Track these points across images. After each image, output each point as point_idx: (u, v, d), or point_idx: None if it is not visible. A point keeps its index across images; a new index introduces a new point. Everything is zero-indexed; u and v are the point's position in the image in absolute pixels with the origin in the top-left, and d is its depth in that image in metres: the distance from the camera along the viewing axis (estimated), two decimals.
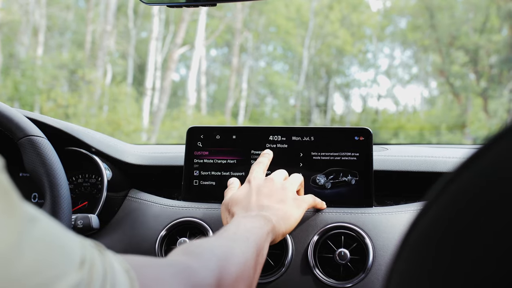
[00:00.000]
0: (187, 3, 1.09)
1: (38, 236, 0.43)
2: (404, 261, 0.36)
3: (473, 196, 0.31)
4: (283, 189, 1.05)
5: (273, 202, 1.00)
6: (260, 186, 1.04)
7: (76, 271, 0.45)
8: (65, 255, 0.46)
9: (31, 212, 0.44)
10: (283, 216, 0.98)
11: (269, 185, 1.04)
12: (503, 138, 0.31)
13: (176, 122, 14.47)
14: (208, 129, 1.30)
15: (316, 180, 1.22)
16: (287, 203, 1.02)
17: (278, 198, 1.01)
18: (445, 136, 14.52)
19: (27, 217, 0.43)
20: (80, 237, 0.51)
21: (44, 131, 1.13)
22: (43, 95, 13.49)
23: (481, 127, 14.03)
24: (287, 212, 1.00)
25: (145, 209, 1.29)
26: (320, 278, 1.07)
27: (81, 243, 0.50)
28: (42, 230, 0.44)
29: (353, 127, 1.24)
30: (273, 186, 1.04)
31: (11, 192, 0.43)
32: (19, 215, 0.42)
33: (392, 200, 1.28)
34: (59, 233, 0.47)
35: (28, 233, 0.42)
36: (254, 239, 0.84)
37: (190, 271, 0.65)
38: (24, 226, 0.42)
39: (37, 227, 0.44)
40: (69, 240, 0.48)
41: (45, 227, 0.45)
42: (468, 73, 16.46)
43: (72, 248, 0.47)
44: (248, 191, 1.03)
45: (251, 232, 0.86)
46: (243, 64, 18.19)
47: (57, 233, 0.46)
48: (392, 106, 19.59)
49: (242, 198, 1.02)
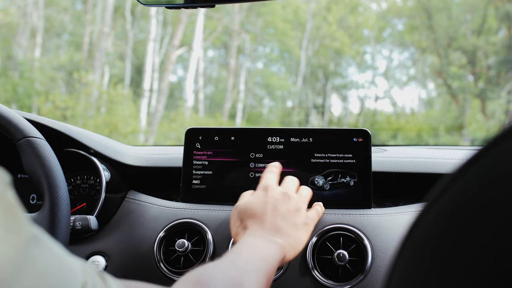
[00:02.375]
0: (185, 4, 1.09)
1: (40, 256, 0.43)
2: (404, 261, 0.36)
3: (473, 196, 0.31)
4: (297, 210, 1.03)
5: (287, 226, 0.99)
6: (277, 201, 1.02)
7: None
8: (67, 277, 0.46)
9: (35, 232, 0.44)
10: (294, 244, 0.98)
11: (286, 203, 1.03)
12: (502, 140, 0.31)
13: (173, 123, 14.47)
14: (206, 130, 1.30)
15: (314, 182, 1.22)
16: (299, 229, 1.01)
17: (292, 222, 1.00)
18: (443, 138, 14.54)
19: (30, 236, 0.43)
20: (83, 261, 0.51)
21: (43, 133, 1.13)
22: (41, 96, 13.47)
23: (479, 129, 14.05)
24: (297, 238, 0.99)
25: (143, 211, 1.29)
26: (318, 279, 1.07)
27: (83, 268, 0.49)
28: (45, 250, 0.44)
29: (352, 128, 1.24)
30: (289, 205, 1.03)
31: (17, 210, 0.43)
32: (23, 233, 0.42)
33: (391, 202, 1.28)
34: (61, 255, 0.47)
35: (30, 251, 0.42)
36: (266, 270, 0.83)
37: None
38: (27, 244, 0.42)
39: (39, 247, 0.44)
40: (71, 263, 0.48)
41: (48, 248, 0.45)
42: (466, 75, 16.48)
43: (74, 271, 0.47)
44: (264, 202, 1.02)
45: (264, 260, 0.85)
46: (240, 66, 18.21)
47: (59, 255, 0.46)
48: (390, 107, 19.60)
49: (256, 211, 1.00)
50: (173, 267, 1.17)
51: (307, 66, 18.38)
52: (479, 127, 14.17)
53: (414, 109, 18.64)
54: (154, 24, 15.53)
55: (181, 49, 16.31)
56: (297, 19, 18.69)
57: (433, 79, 17.98)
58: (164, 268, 1.16)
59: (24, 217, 0.43)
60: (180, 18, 15.19)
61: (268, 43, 19.59)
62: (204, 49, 17.83)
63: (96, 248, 1.26)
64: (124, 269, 1.21)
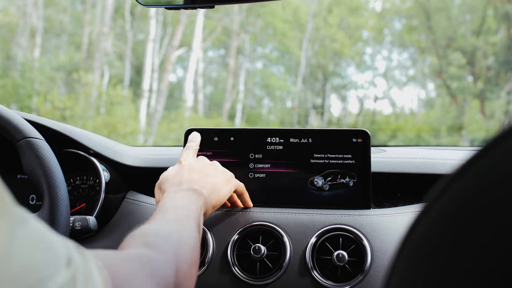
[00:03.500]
0: (184, 5, 1.09)
1: (28, 236, 0.44)
2: (404, 261, 0.36)
3: (473, 197, 0.31)
4: (213, 164, 1.10)
5: (203, 177, 1.03)
6: (192, 163, 1.07)
7: (64, 270, 0.46)
8: (54, 254, 0.46)
9: (21, 213, 0.45)
10: (213, 189, 1.02)
11: (200, 162, 1.09)
12: (502, 140, 0.31)
13: (173, 124, 14.45)
14: (206, 131, 1.30)
15: (314, 182, 1.22)
16: (217, 177, 1.06)
17: (208, 173, 1.05)
18: (442, 138, 14.53)
19: (18, 217, 0.43)
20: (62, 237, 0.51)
21: (42, 133, 1.13)
22: (40, 97, 13.47)
23: (478, 129, 14.04)
24: (217, 184, 1.04)
25: (143, 211, 1.29)
26: (318, 280, 1.07)
27: (65, 243, 0.50)
28: (32, 230, 0.45)
29: (351, 129, 1.24)
30: (204, 162, 1.09)
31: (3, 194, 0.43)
32: (11, 215, 0.42)
33: (390, 202, 1.28)
34: (46, 233, 0.47)
35: (20, 233, 0.42)
36: (194, 217, 0.88)
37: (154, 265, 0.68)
38: (16, 226, 0.42)
39: (27, 227, 0.44)
40: (55, 240, 0.48)
41: (34, 228, 0.46)
42: (465, 75, 16.47)
43: (59, 248, 0.47)
44: (179, 169, 1.05)
45: (189, 209, 0.90)
46: (240, 66, 18.19)
47: (45, 234, 0.47)
48: (389, 108, 19.59)
49: (173, 175, 1.04)
50: None
51: (306, 67, 18.36)
52: (479, 127, 14.17)
53: (413, 110, 18.63)
54: (154, 25, 15.52)
55: (180, 49, 16.30)
56: (297, 20, 18.68)
57: (433, 79, 17.97)
58: None
59: (10, 199, 0.43)
60: (179, 19, 15.18)
61: (267, 44, 19.58)
62: (203, 49, 17.82)
63: (96, 248, 1.26)
64: None
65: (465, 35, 16.59)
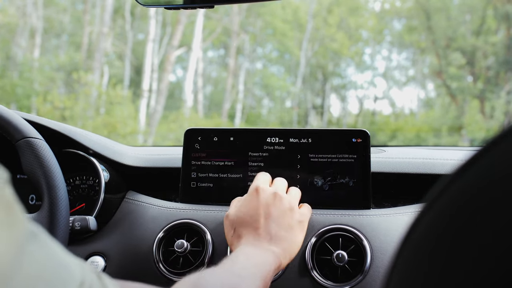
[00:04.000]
0: (184, 5, 1.09)
1: (37, 252, 0.43)
2: (403, 262, 0.36)
3: (473, 197, 0.31)
4: (291, 210, 1.03)
5: (281, 230, 0.99)
6: (269, 204, 1.02)
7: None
8: (65, 273, 0.45)
9: (32, 228, 0.44)
10: (289, 247, 0.98)
11: (277, 205, 1.02)
12: (502, 140, 0.31)
13: (172, 124, 14.45)
14: (205, 131, 1.30)
15: (313, 182, 1.22)
16: (294, 229, 1.01)
17: (286, 224, 1.00)
18: (442, 138, 14.53)
19: (28, 232, 0.43)
20: (80, 260, 0.51)
21: (42, 133, 1.13)
22: (39, 97, 13.46)
23: (478, 129, 14.04)
24: (293, 240, 1.00)
25: (142, 211, 1.29)
26: (317, 280, 1.07)
27: (81, 266, 0.49)
28: (42, 246, 0.44)
29: (351, 129, 1.24)
30: (281, 206, 1.02)
31: (15, 206, 0.43)
32: (20, 229, 0.42)
33: (390, 202, 1.28)
34: (59, 253, 0.47)
35: (29, 247, 0.42)
36: (262, 276, 0.83)
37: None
38: (25, 240, 0.42)
39: (37, 243, 0.44)
40: (69, 260, 0.47)
41: (46, 245, 0.45)
42: (465, 75, 16.48)
43: (72, 268, 0.47)
44: (255, 209, 1.01)
45: (259, 268, 0.85)
46: (239, 66, 18.20)
47: (57, 252, 0.46)
48: (389, 108, 19.59)
49: (249, 219, 1.00)
50: (172, 268, 1.17)
51: (306, 67, 18.37)
52: (478, 127, 14.17)
53: (413, 110, 18.63)
54: (153, 25, 15.52)
55: (180, 49, 16.31)
56: (296, 20, 18.69)
57: (432, 79, 17.97)
58: (163, 268, 1.16)
59: (22, 214, 0.43)
60: (179, 19, 15.18)
61: (267, 44, 19.59)
62: (203, 49, 17.83)
63: (95, 248, 1.26)
64: (123, 270, 1.21)
65: (465, 35, 16.59)
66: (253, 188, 1.06)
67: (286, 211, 1.02)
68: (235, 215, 1.03)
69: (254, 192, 1.05)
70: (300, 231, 1.02)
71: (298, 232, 1.02)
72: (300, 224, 1.04)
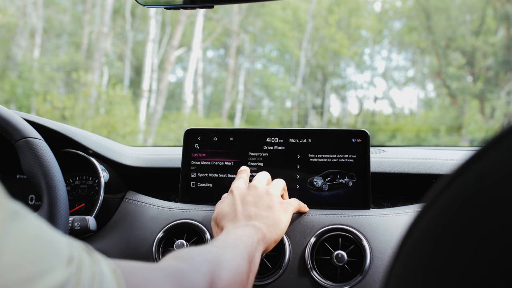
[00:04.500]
0: (184, 5, 1.09)
1: (22, 231, 0.43)
2: (403, 261, 0.36)
3: (472, 197, 0.31)
4: (268, 194, 1.04)
5: (260, 210, 0.99)
6: (244, 194, 1.03)
7: (63, 268, 0.45)
8: (52, 251, 0.45)
9: (16, 208, 0.44)
10: (273, 223, 0.98)
11: (252, 193, 1.04)
12: (501, 140, 0.31)
13: (172, 124, 14.45)
14: (205, 131, 1.30)
15: (313, 182, 1.22)
16: (274, 209, 1.01)
17: (264, 205, 1.01)
18: (442, 138, 14.53)
19: (10, 211, 0.43)
20: (69, 237, 0.50)
21: (41, 133, 1.13)
22: (39, 97, 13.46)
23: (478, 129, 14.04)
24: (276, 218, 1.00)
25: (142, 211, 1.29)
26: (317, 280, 1.07)
27: (69, 243, 0.49)
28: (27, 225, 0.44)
29: (350, 129, 1.24)
30: (257, 192, 1.04)
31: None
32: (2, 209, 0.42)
33: (390, 202, 1.28)
34: (45, 231, 0.46)
35: (11, 226, 0.42)
36: (245, 246, 0.84)
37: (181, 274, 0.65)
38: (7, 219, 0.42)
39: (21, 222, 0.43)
40: (56, 237, 0.47)
41: (31, 223, 0.45)
42: (465, 75, 16.48)
43: (60, 245, 0.47)
44: (232, 202, 1.03)
45: (241, 239, 0.86)
46: (239, 66, 18.20)
47: (43, 230, 0.46)
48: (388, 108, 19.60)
49: (228, 210, 1.01)
50: None
51: (306, 67, 18.37)
52: (478, 127, 14.17)
53: (413, 110, 18.63)
54: (153, 25, 15.51)
55: (180, 49, 16.31)
56: (296, 20, 18.70)
57: (432, 79, 17.98)
58: None
59: (3, 194, 0.43)
60: (179, 19, 15.17)
61: (267, 44, 19.59)
62: (203, 49, 17.82)
63: (95, 248, 1.26)
64: None
65: (464, 35, 16.59)
66: (230, 189, 1.08)
67: (262, 195, 1.03)
68: (216, 213, 1.04)
69: (230, 191, 1.07)
70: (282, 211, 1.03)
71: (280, 212, 1.02)
72: (281, 204, 1.04)
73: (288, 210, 1.05)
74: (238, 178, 1.13)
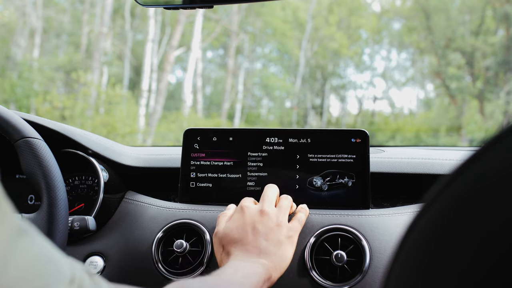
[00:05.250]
0: (183, 5, 1.09)
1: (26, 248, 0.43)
2: (402, 262, 0.36)
3: (471, 197, 0.31)
4: (278, 225, 1.03)
5: (270, 245, 0.98)
6: (255, 221, 1.02)
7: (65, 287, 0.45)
8: (55, 270, 0.45)
9: (21, 224, 0.44)
10: (279, 260, 0.98)
11: (264, 221, 1.02)
12: (501, 140, 0.31)
13: (172, 124, 14.45)
14: (205, 131, 1.30)
15: (312, 182, 1.22)
16: (283, 244, 1.01)
17: (274, 240, 1.00)
18: (441, 138, 14.54)
19: (17, 228, 0.43)
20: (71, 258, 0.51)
21: (41, 133, 1.13)
22: (39, 97, 13.46)
23: (477, 129, 14.05)
24: (283, 255, 0.99)
25: (141, 211, 1.29)
26: (316, 280, 1.07)
27: (71, 263, 0.49)
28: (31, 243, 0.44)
29: (350, 129, 1.24)
30: (268, 222, 1.02)
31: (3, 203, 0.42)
32: (9, 225, 0.42)
33: (389, 202, 1.28)
34: (49, 250, 0.47)
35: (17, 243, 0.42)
36: (251, 286, 0.83)
37: None
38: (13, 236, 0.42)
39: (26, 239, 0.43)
40: (59, 258, 0.47)
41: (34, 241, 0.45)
42: (464, 75, 16.49)
43: (62, 265, 0.47)
44: (242, 226, 1.02)
45: (248, 278, 0.85)
46: (239, 66, 18.20)
47: (47, 250, 0.46)
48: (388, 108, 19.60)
49: (237, 236, 1.00)
50: (171, 268, 1.17)
51: (305, 67, 18.37)
52: (478, 128, 14.18)
53: (412, 110, 18.64)
54: (153, 25, 15.51)
55: (179, 49, 16.30)
56: (296, 20, 18.70)
57: (432, 80, 17.99)
58: (162, 268, 1.16)
59: (10, 210, 0.43)
60: (178, 19, 15.18)
61: (267, 44, 19.59)
62: (202, 49, 17.82)
63: (94, 248, 1.26)
64: (122, 270, 1.21)
65: (464, 35, 16.60)
66: (239, 207, 1.07)
67: (273, 227, 1.02)
68: (223, 232, 1.03)
69: (239, 210, 1.06)
70: (289, 246, 1.02)
71: (288, 247, 1.01)
72: (289, 239, 1.03)
73: (294, 242, 1.04)
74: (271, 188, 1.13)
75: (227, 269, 0.87)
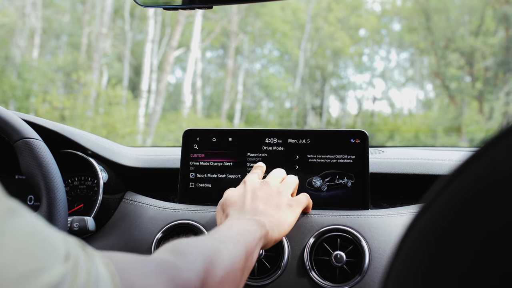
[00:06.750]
0: (183, 5, 1.09)
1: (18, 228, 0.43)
2: (401, 262, 0.36)
3: (470, 197, 0.31)
4: (279, 193, 1.04)
5: (268, 207, 0.99)
6: (256, 188, 1.03)
7: (60, 265, 0.45)
8: (49, 248, 0.45)
9: (12, 205, 0.44)
10: (277, 222, 0.98)
11: (265, 189, 1.04)
12: (500, 141, 0.31)
13: (171, 125, 14.45)
14: (204, 131, 1.30)
15: (312, 183, 1.22)
16: (282, 209, 1.01)
17: (273, 203, 1.01)
18: (441, 139, 14.54)
19: (7, 208, 0.43)
20: (64, 233, 0.50)
21: (40, 134, 1.13)
22: (38, 97, 13.45)
23: (477, 130, 14.06)
24: (281, 218, 0.99)
25: (141, 212, 1.29)
26: (316, 280, 1.07)
27: (65, 239, 0.49)
28: (24, 222, 0.44)
29: (349, 129, 1.24)
30: (269, 190, 1.04)
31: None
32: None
33: (388, 203, 1.28)
34: (42, 228, 0.46)
35: (7, 223, 0.42)
36: (244, 242, 0.83)
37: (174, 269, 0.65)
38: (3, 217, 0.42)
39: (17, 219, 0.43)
40: (52, 234, 0.47)
41: (27, 220, 0.44)
42: (464, 76, 16.49)
43: (56, 242, 0.47)
44: (243, 192, 1.03)
45: (242, 235, 0.85)
46: (238, 67, 18.20)
47: (40, 227, 0.46)
48: (387, 108, 19.61)
49: (236, 199, 1.02)
50: None
51: (305, 67, 18.37)
52: (477, 128, 14.18)
53: (412, 110, 18.64)
54: (152, 25, 15.51)
55: (179, 50, 16.30)
56: (296, 20, 18.70)
57: (431, 80, 17.99)
58: None
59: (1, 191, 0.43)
60: (178, 19, 15.17)
61: (266, 44, 19.59)
62: (202, 50, 17.82)
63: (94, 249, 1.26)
64: None
65: (463, 36, 16.60)
66: (243, 180, 1.09)
67: (273, 194, 1.03)
68: (225, 198, 1.05)
69: (243, 182, 1.08)
70: (289, 213, 1.02)
71: (287, 213, 1.02)
72: (290, 207, 1.04)
73: (295, 211, 1.05)
74: (253, 173, 1.13)
75: (222, 228, 0.87)
